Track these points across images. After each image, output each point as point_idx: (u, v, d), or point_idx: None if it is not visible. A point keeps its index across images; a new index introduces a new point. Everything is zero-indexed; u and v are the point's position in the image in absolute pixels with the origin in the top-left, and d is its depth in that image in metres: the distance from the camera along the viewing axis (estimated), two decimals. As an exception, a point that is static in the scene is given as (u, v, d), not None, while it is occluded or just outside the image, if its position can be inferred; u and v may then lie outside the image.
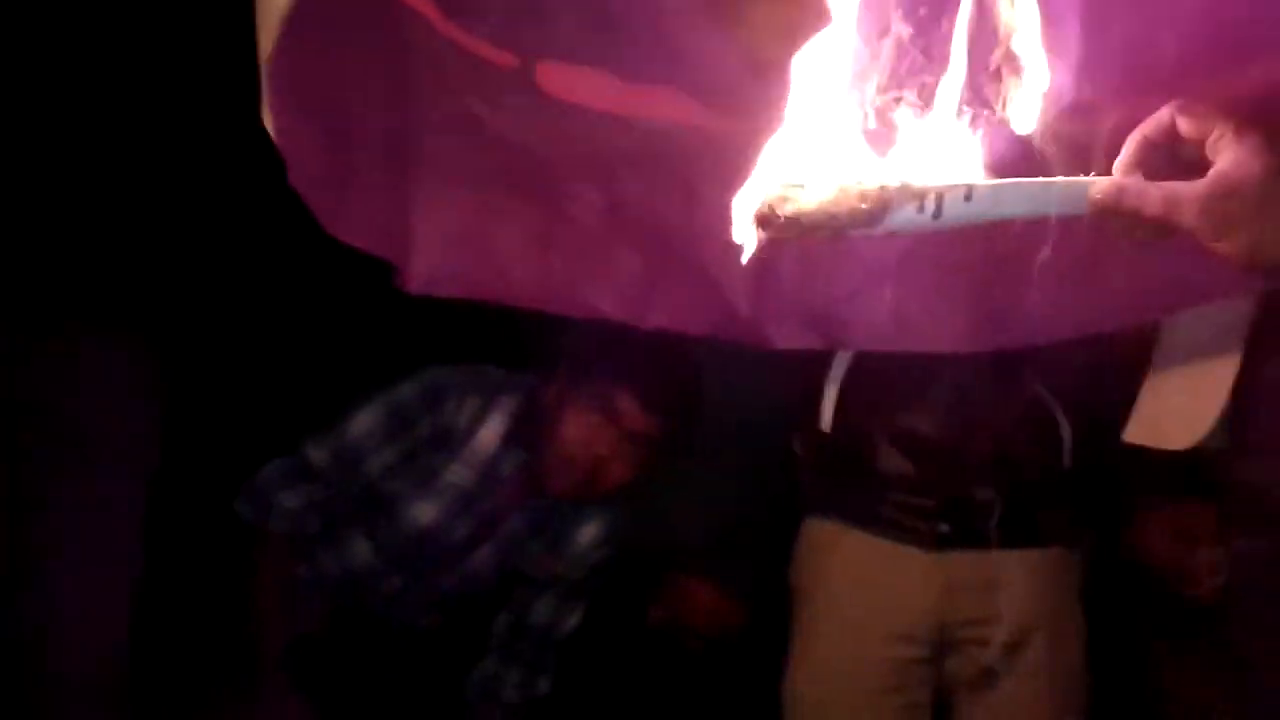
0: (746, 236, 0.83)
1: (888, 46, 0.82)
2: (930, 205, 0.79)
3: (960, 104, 0.83)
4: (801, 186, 0.80)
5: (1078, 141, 1.00)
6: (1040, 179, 0.82)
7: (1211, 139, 0.78)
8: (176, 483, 1.87)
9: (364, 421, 1.93)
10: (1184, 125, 0.79)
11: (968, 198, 0.79)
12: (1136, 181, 0.80)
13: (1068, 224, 0.84)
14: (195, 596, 1.97)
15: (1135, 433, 1.61)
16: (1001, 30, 0.84)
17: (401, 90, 1.25)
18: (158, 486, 1.80)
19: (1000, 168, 0.85)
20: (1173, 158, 0.81)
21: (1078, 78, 0.92)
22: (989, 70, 0.84)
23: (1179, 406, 1.57)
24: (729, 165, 1.40)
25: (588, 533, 2.06)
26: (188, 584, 1.96)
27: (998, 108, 0.85)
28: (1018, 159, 0.87)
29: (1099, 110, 0.96)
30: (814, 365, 1.94)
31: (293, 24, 0.86)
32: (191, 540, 1.98)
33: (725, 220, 1.43)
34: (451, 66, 1.27)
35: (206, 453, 2.04)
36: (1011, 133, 0.87)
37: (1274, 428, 1.46)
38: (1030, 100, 0.85)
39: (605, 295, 1.43)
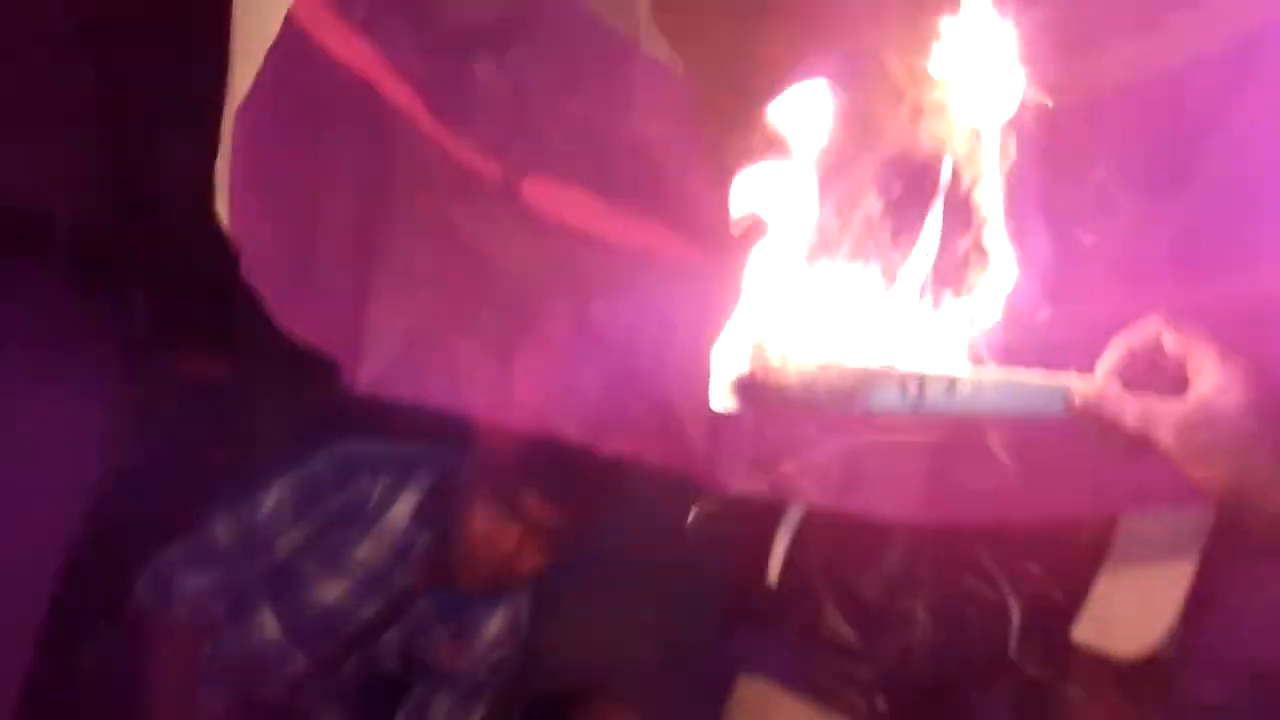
0: (722, 398, 0.82)
1: (858, 220, 0.83)
2: (911, 392, 0.80)
3: (924, 287, 0.83)
4: (783, 358, 0.80)
5: (1046, 335, 1.02)
6: (1022, 374, 0.82)
7: (1195, 360, 0.78)
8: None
9: (274, 498, 1.89)
10: (1169, 341, 0.80)
11: (950, 389, 0.80)
12: (1117, 391, 0.80)
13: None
14: (90, 688, 1.89)
15: (1084, 632, 1.59)
16: (973, 220, 0.86)
17: (374, 185, 1.25)
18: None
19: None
20: (1154, 368, 0.81)
21: (1043, 273, 0.93)
22: (957, 257, 0.85)
23: (1130, 611, 1.55)
24: (704, 301, 1.44)
25: (494, 625, 2.00)
26: (82, 672, 1.89)
27: (962, 294, 0.85)
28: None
29: (1065, 306, 0.97)
30: (769, 512, 1.91)
31: (258, 110, 0.86)
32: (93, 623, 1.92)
33: (693, 355, 1.46)
34: (432, 168, 1.29)
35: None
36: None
37: (1225, 648, 1.45)
38: (994, 291, 0.86)
39: (564, 415, 1.42)
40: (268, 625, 1.92)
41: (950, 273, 0.85)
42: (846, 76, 0.98)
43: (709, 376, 1.51)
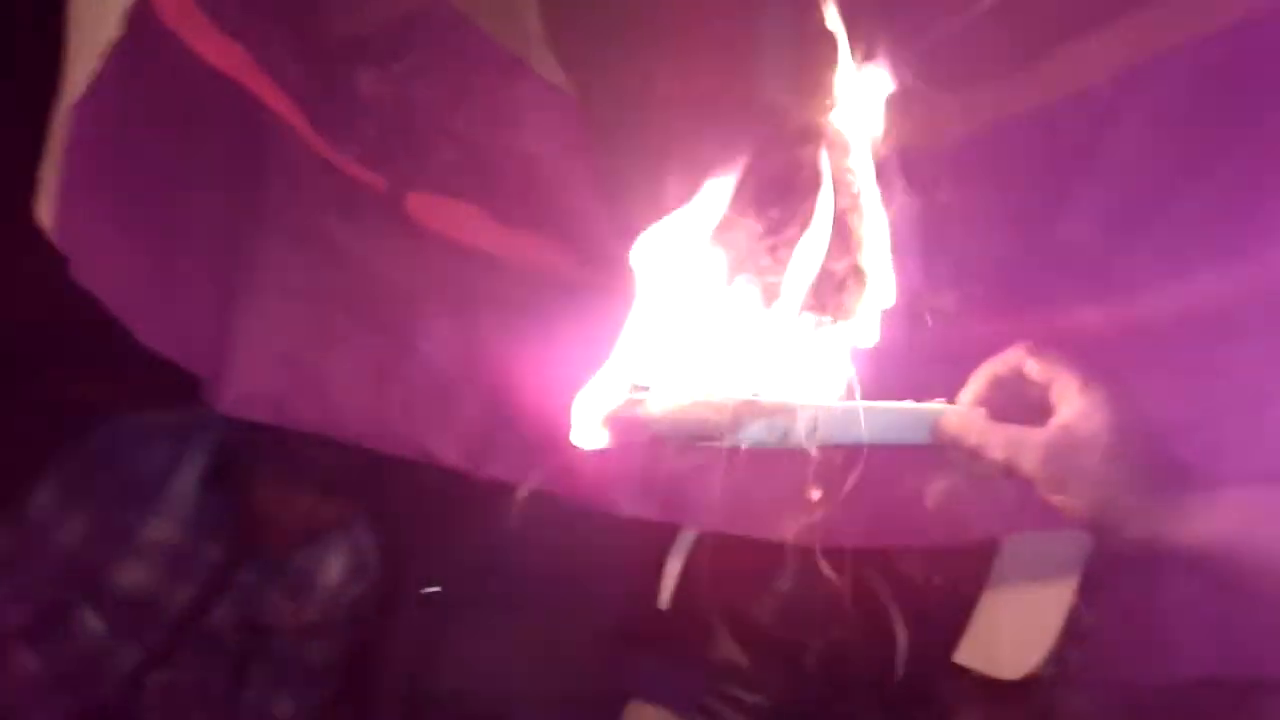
0: (589, 437, 0.82)
1: (737, 242, 0.84)
2: (780, 425, 0.81)
3: (802, 309, 0.85)
4: (648, 390, 0.80)
5: (920, 357, 1.05)
6: (889, 404, 0.84)
7: (1058, 387, 0.81)
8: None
9: (39, 493, 1.79)
10: (1032, 369, 0.82)
11: (816, 422, 0.81)
12: (981, 420, 0.82)
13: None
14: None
15: (966, 654, 1.64)
16: (852, 243, 0.88)
17: (246, 194, 1.21)
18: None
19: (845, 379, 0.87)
20: (1018, 396, 0.83)
21: (919, 296, 0.96)
22: (834, 280, 0.87)
23: (1012, 633, 1.60)
24: (592, 322, 1.44)
25: (333, 570, 1.94)
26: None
27: (840, 317, 0.87)
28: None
29: (941, 327, 1.00)
30: (660, 536, 1.92)
31: (101, 108, 0.81)
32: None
33: (582, 375, 1.45)
34: (310, 178, 1.25)
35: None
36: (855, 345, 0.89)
37: (1101, 669, 1.51)
38: (872, 314, 0.88)
39: (443, 439, 1.39)
40: (90, 622, 1.82)
41: (829, 295, 0.87)
42: (732, 105, 1.01)
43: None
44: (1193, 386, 1.25)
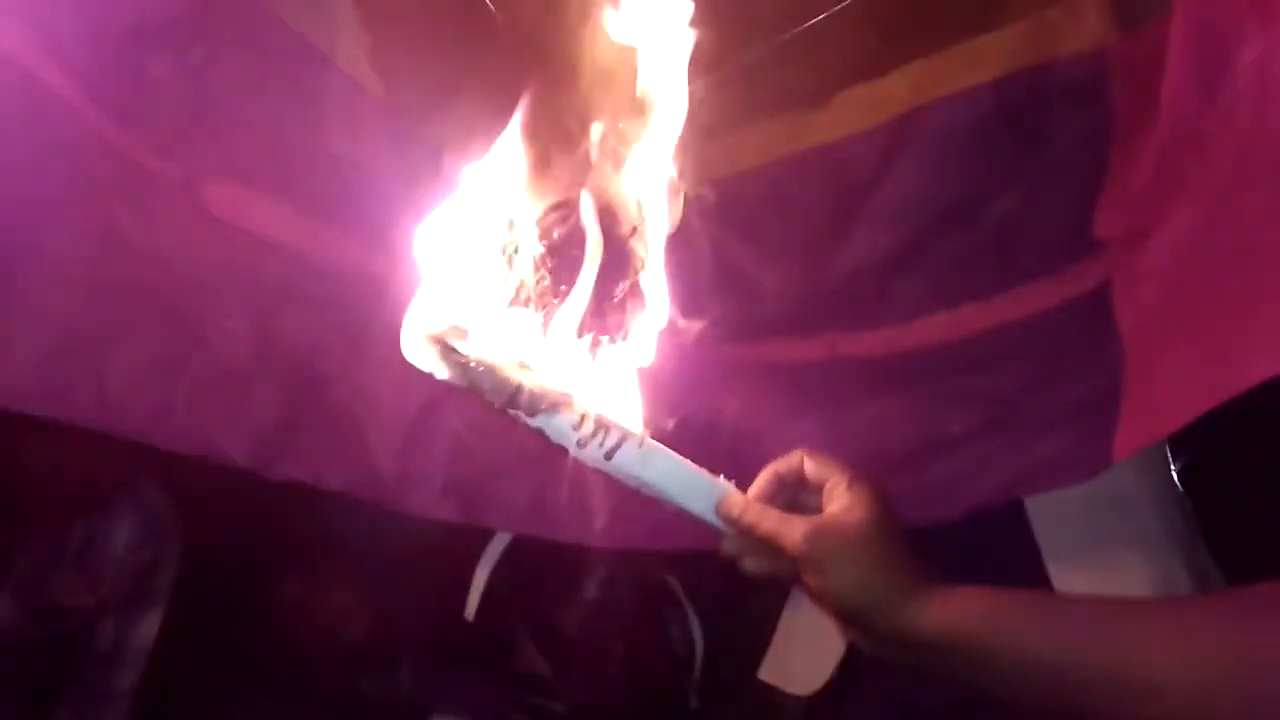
0: (419, 358, 0.89)
1: (521, 262, 0.93)
2: (585, 430, 0.90)
3: (581, 329, 0.94)
4: (466, 331, 0.88)
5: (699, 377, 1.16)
6: (686, 465, 0.94)
7: (829, 485, 0.94)
8: None
9: None
10: (810, 468, 0.95)
11: (614, 448, 0.91)
12: (756, 504, 0.95)
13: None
14: None
15: (768, 672, 1.77)
16: (631, 264, 0.98)
17: (23, 181, 1.20)
18: None
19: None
20: (796, 501, 0.96)
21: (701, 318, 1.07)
22: (614, 300, 0.97)
23: (806, 651, 1.73)
24: (395, 320, 1.48)
25: (119, 537, 1.92)
26: None
27: (619, 337, 0.97)
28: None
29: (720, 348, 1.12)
30: (468, 544, 1.98)
31: None
32: None
33: (380, 372, 1.49)
34: (98, 167, 1.25)
35: None
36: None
37: (884, 686, 1.65)
38: (648, 334, 0.98)
39: (233, 437, 1.40)
40: None
41: (609, 316, 0.97)
42: (526, 121, 1.09)
43: (403, 397, 1.56)
44: (950, 409, 1.43)
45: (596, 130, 1.02)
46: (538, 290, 0.94)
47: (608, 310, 0.97)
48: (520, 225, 0.94)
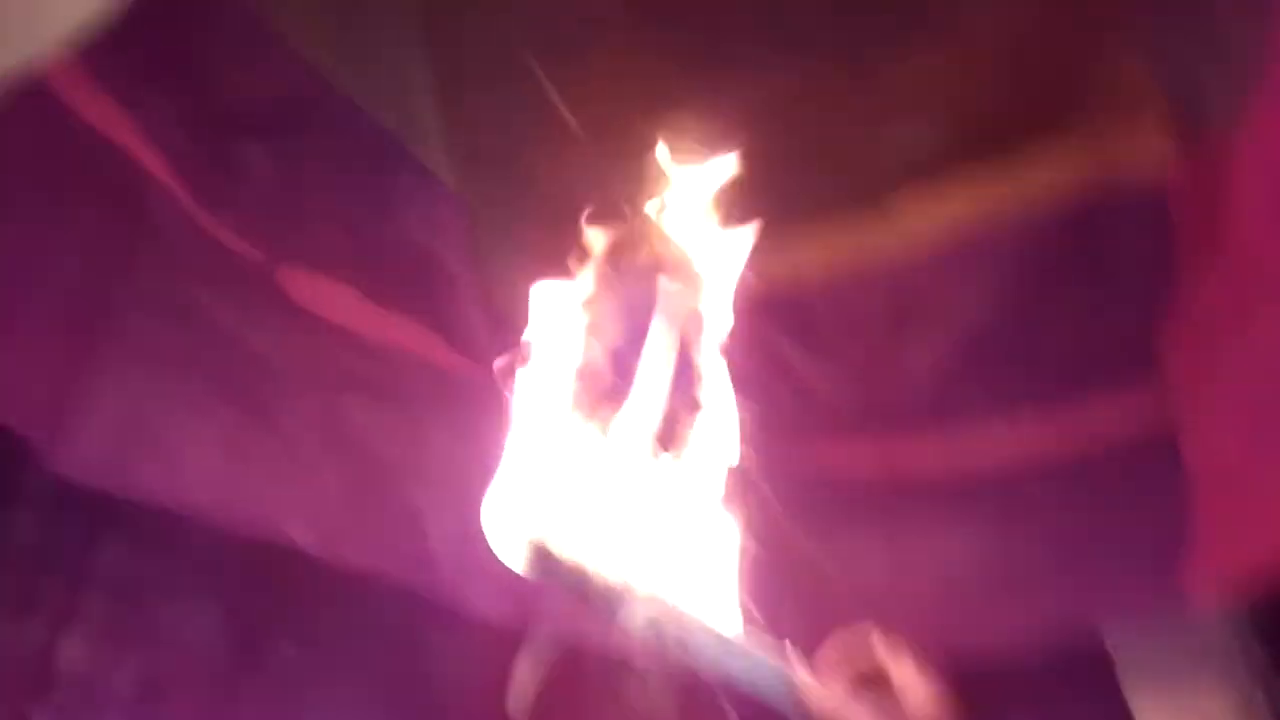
0: (509, 557, 0.89)
1: (590, 371, 0.93)
2: (662, 623, 0.89)
3: (648, 438, 0.93)
4: (552, 529, 0.88)
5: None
6: (762, 654, 0.92)
7: (898, 669, 0.93)
8: None
9: None
10: (879, 648, 0.94)
11: (690, 640, 0.89)
12: (834, 694, 0.92)
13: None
14: None
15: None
16: (696, 374, 0.97)
17: (111, 255, 1.24)
18: None
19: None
20: (865, 679, 0.94)
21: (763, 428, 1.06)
22: (681, 409, 0.96)
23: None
24: (459, 409, 1.49)
25: None
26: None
27: (686, 446, 0.96)
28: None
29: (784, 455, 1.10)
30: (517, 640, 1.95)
31: None
32: None
33: (447, 466, 1.50)
34: (186, 248, 1.29)
35: None
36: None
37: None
38: (718, 443, 0.97)
39: (296, 519, 1.39)
40: None
41: (674, 430, 0.97)
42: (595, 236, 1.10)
43: (464, 491, 1.56)
44: (1016, 538, 1.39)
45: (663, 241, 1.03)
46: (601, 399, 0.94)
47: (677, 420, 0.96)
48: (592, 339, 0.93)
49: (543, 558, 0.87)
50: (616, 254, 0.98)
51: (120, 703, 1.81)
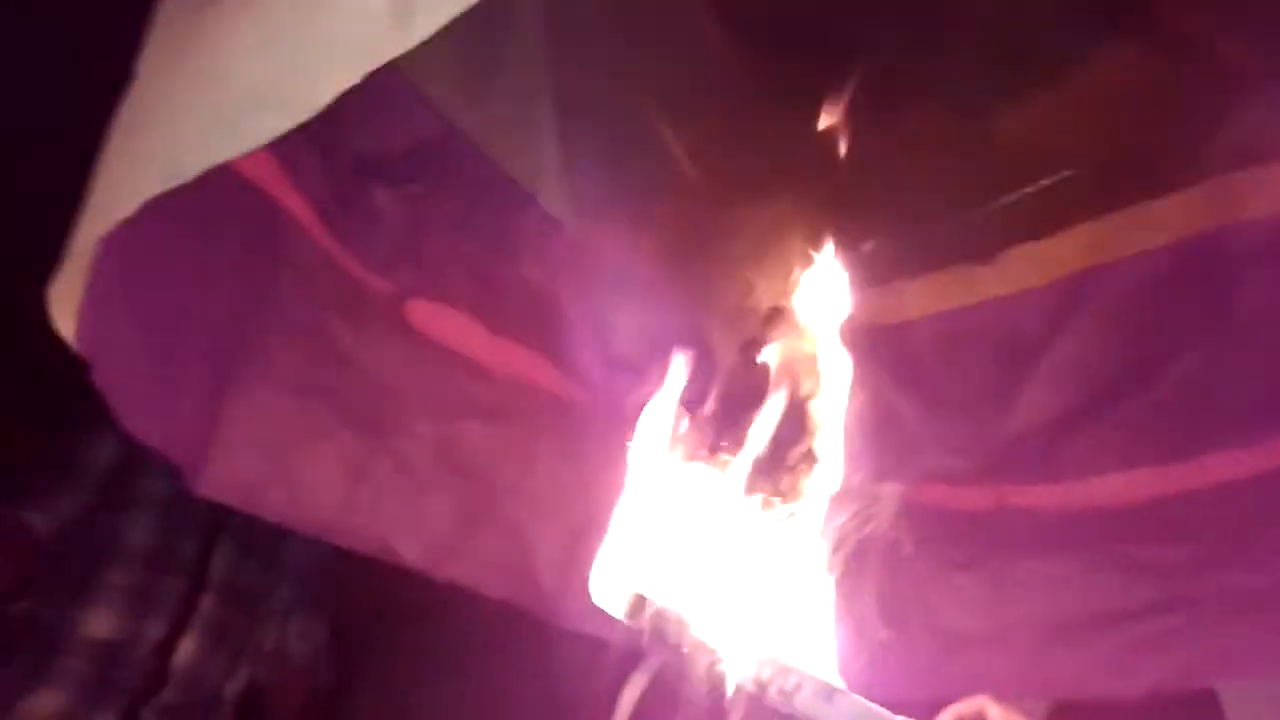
0: (615, 609, 0.92)
1: (701, 419, 0.96)
2: (765, 675, 0.89)
3: (751, 487, 0.96)
4: (672, 607, 0.90)
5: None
6: (869, 706, 0.90)
7: None
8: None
9: None
10: (994, 714, 0.96)
11: (794, 690, 0.88)
12: None
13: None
14: None
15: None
16: (807, 427, 1.00)
17: (254, 290, 1.31)
18: None
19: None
20: None
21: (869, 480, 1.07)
22: (787, 463, 0.99)
23: None
24: (572, 439, 1.54)
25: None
26: None
27: (790, 499, 0.99)
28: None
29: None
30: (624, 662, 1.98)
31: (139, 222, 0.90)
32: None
33: (553, 489, 1.54)
34: (320, 280, 1.36)
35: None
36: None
37: None
38: (820, 499, 0.99)
39: (408, 539, 1.47)
40: None
41: (781, 477, 0.99)
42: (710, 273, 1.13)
43: (570, 512, 1.60)
44: (1118, 579, 1.37)
45: (775, 292, 1.05)
46: (711, 448, 0.96)
47: (782, 471, 0.98)
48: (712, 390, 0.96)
49: (643, 609, 0.90)
50: (737, 308, 1.01)
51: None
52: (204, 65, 0.84)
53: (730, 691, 0.89)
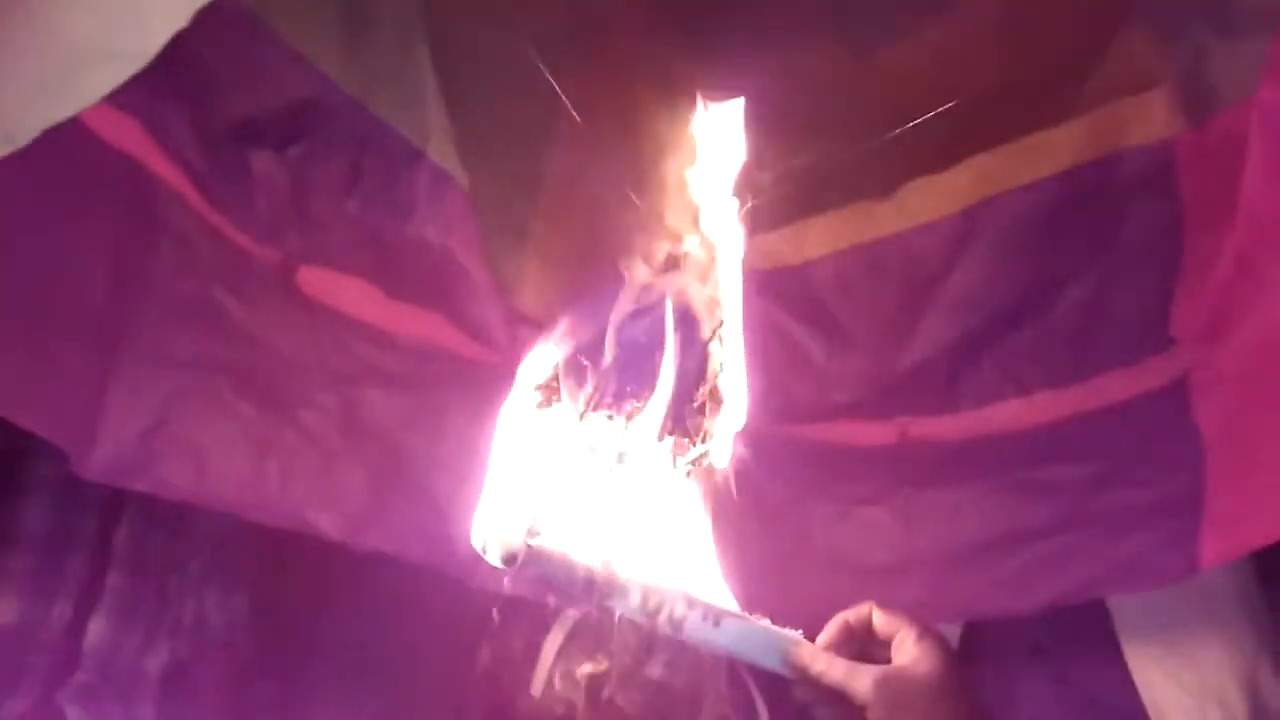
0: (490, 554, 0.92)
1: (602, 368, 0.94)
2: (653, 606, 0.91)
3: (662, 431, 0.95)
4: (538, 529, 0.90)
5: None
6: (754, 623, 0.95)
7: (898, 639, 0.95)
8: None
9: None
10: (879, 620, 0.97)
11: (682, 619, 0.92)
12: (826, 653, 0.96)
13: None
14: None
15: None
16: (710, 368, 0.99)
17: (131, 265, 1.25)
18: None
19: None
20: (865, 652, 0.97)
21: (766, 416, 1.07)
22: (694, 404, 0.98)
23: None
24: (478, 396, 1.51)
25: None
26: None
27: (698, 440, 0.98)
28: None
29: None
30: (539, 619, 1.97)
31: None
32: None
33: (462, 451, 1.52)
34: (202, 251, 1.31)
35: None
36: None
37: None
38: (726, 435, 0.99)
39: (322, 510, 1.43)
40: None
41: (687, 419, 0.98)
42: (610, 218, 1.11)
43: (482, 474, 1.58)
44: (1026, 500, 1.40)
45: (671, 235, 1.04)
46: (617, 396, 0.95)
47: (686, 413, 0.98)
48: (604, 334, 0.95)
49: (524, 555, 0.90)
50: (629, 248, 0.99)
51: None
52: (28, 24, 0.79)
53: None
